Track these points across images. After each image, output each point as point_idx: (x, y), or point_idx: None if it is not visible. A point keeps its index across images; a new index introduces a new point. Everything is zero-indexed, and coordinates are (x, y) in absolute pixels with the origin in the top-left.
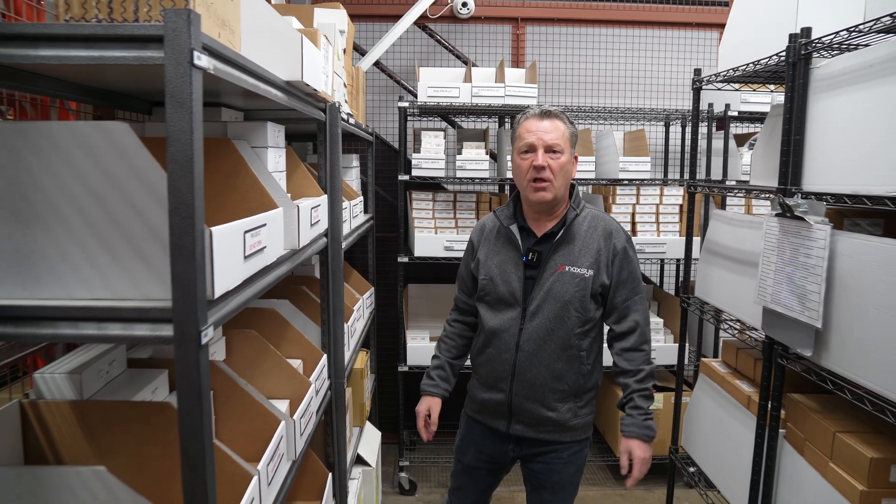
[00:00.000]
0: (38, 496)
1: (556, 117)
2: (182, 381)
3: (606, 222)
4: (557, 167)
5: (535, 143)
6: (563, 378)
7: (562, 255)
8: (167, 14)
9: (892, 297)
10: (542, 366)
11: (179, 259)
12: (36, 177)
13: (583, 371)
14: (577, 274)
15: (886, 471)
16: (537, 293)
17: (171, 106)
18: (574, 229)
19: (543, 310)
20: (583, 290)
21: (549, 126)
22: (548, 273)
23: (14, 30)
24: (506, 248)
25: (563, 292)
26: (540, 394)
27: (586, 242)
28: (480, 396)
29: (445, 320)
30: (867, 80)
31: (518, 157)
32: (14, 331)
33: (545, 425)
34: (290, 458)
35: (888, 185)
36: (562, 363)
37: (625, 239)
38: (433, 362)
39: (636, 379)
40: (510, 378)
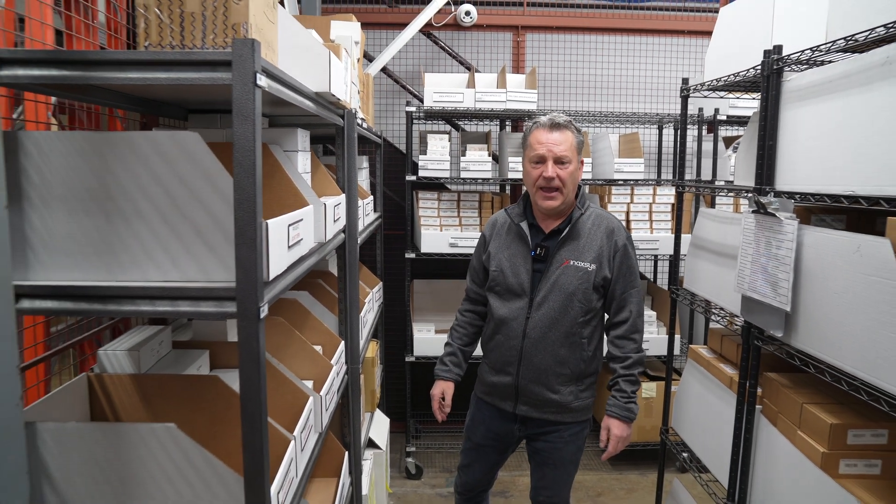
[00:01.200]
0: (118, 450)
1: (565, 128)
2: (243, 350)
3: (609, 221)
4: (566, 176)
5: (545, 155)
6: (566, 363)
7: (567, 251)
8: (235, 43)
9: (847, 282)
10: (547, 352)
11: (243, 247)
12: (120, 179)
13: (584, 357)
14: (581, 268)
15: (844, 435)
16: (544, 285)
17: (238, 119)
18: (579, 227)
19: (549, 300)
20: (586, 283)
21: (559, 138)
22: (554, 267)
23: (108, 56)
24: (516, 243)
25: (567, 284)
26: (544, 377)
27: (590, 239)
28: (490, 379)
29: (458, 310)
30: (827, 93)
31: (528, 165)
32: (102, 307)
33: (549, 406)
34: (317, 431)
35: (843, 185)
36: (565, 349)
37: (625, 237)
38: (446, 349)
39: (623, 365)
40: (517, 363)
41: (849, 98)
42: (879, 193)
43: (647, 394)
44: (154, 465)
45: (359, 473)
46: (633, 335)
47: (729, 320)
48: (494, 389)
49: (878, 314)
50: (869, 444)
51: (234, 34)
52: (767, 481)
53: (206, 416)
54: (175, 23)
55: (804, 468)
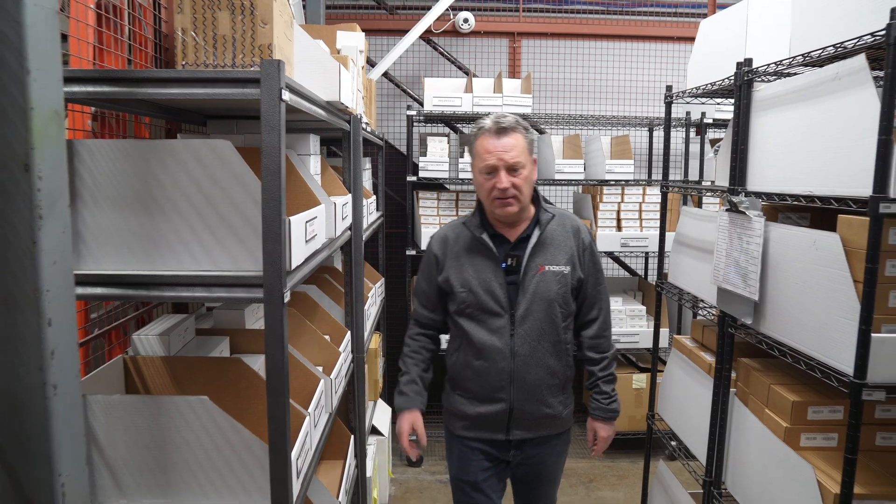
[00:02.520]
0: (157, 419)
1: (513, 131)
2: (269, 331)
3: (572, 220)
4: (521, 183)
5: (496, 165)
6: (556, 373)
7: (540, 256)
8: (263, 63)
9: (805, 273)
10: (539, 366)
11: (269, 240)
12: (161, 180)
13: (569, 363)
14: (558, 271)
15: (804, 412)
16: (523, 297)
17: (266, 129)
18: (548, 229)
19: (532, 312)
20: (564, 286)
21: (509, 143)
22: (530, 275)
23: (154, 75)
24: (480, 258)
25: (547, 291)
26: (538, 393)
27: (560, 241)
28: (474, 411)
29: (407, 335)
30: (790, 103)
31: (480, 176)
32: (146, 293)
33: (543, 422)
34: (327, 411)
35: (803, 186)
36: (554, 359)
37: (588, 234)
38: (403, 378)
39: (601, 367)
40: (509, 385)
41: (806, 108)
42: (831, 194)
43: (637, 385)
44: (189, 433)
45: (363, 456)
46: (605, 332)
47: (707, 311)
48: (482, 421)
49: (829, 300)
50: (827, 419)
51: (261, 54)
52: (739, 456)
53: (231, 395)
54: (209, 44)
55: (770, 442)
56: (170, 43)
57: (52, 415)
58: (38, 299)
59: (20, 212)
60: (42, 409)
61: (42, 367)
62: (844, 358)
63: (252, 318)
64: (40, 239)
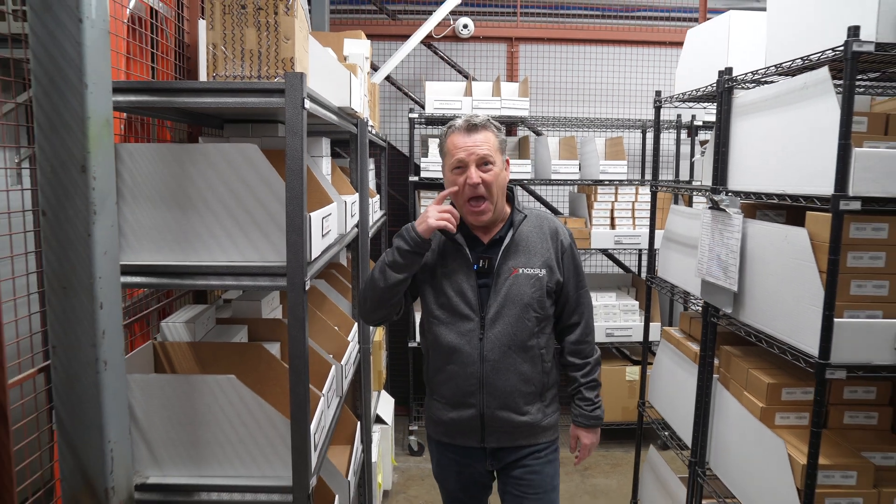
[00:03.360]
0: (189, 396)
1: (483, 128)
2: (291, 314)
3: (550, 221)
4: (492, 179)
5: (465, 159)
6: (530, 380)
7: (514, 259)
8: (287, 75)
9: (778, 265)
10: (510, 372)
11: (292, 233)
12: (194, 180)
13: (545, 369)
14: (532, 275)
15: (779, 393)
16: (494, 300)
17: (289, 135)
18: (522, 231)
19: (503, 316)
20: (539, 290)
21: (480, 139)
22: (503, 278)
23: (190, 85)
24: (452, 258)
25: (520, 295)
26: (511, 400)
27: (535, 243)
28: (447, 417)
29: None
30: (765, 109)
31: (450, 174)
32: (179, 282)
33: (519, 431)
34: (338, 395)
35: (776, 186)
36: (527, 365)
37: (569, 235)
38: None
39: (583, 373)
40: (479, 391)
41: (779, 114)
42: (800, 192)
43: (630, 377)
44: (217, 409)
45: (369, 442)
46: (587, 337)
47: (694, 303)
48: (455, 427)
49: (799, 289)
50: (799, 399)
51: (284, 67)
52: (721, 436)
53: (252, 377)
54: (237, 57)
55: (748, 421)
56: (192, 52)
57: (102, 387)
58: (91, 285)
59: (78, 208)
60: (94, 382)
61: (94, 345)
62: (811, 341)
63: (267, 309)
64: (94, 232)
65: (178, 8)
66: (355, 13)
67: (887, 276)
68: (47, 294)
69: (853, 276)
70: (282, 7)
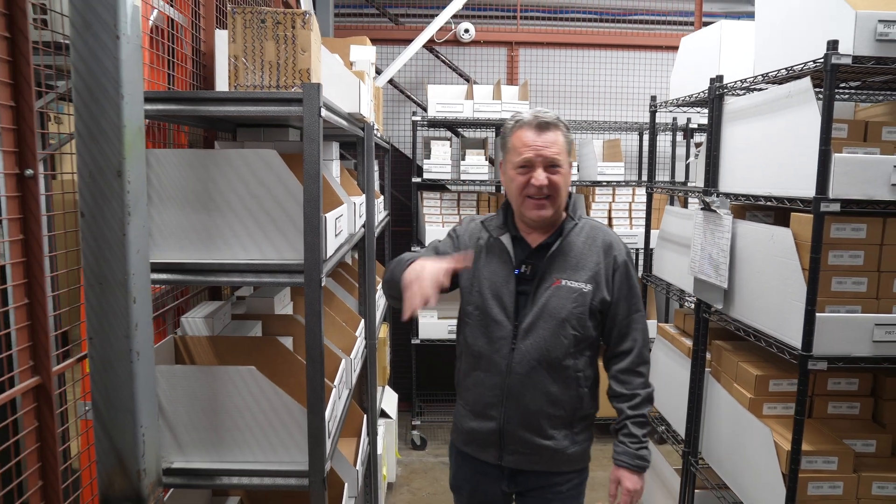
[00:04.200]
0: (212, 386)
1: (554, 127)
2: (308, 308)
3: (606, 234)
4: (559, 182)
5: (533, 160)
6: (559, 403)
7: (558, 268)
8: (305, 86)
9: (765, 263)
10: (537, 390)
11: (309, 233)
12: (217, 183)
13: (580, 394)
14: (575, 288)
15: (766, 384)
16: (531, 309)
17: (307, 141)
18: (571, 240)
19: (538, 327)
20: (581, 306)
21: (550, 139)
22: (543, 287)
23: (214, 95)
24: (495, 260)
25: (559, 308)
26: (535, 421)
27: (584, 255)
28: (468, 426)
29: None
30: (753, 115)
31: (513, 171)
32: (203, 279)
33: (541, 455)
34: (347, 387)
35: (763, 188)
36: (557, 386)
37: (625, 252)
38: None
39: (630, 405)
40: (501, 404)
41: (766, 120)
42: (785, 194)
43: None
44: (238, 398)
45: (375, 434)
46: (639, 367)
47: (688, 300)
48: (474, 438)
49: (784, 286)
50: (786, 391)
51: (301, 77)
52: (711, 425)
53: (267, 369)
54: (257, 68)
55: (737, 412)
56: (208, 60)
57: (135, 376)
58: (125, 281)
59: (114, 210)
60: (128, 371)
61: (128, 336)
62: (795, 334)
63: (280, 305)
64: (129, 232)
65: (194, 17)
66: (357, 17)
67: (865, 274)
68: (85, 289)
69: (834, 273)
70: (299, 21)
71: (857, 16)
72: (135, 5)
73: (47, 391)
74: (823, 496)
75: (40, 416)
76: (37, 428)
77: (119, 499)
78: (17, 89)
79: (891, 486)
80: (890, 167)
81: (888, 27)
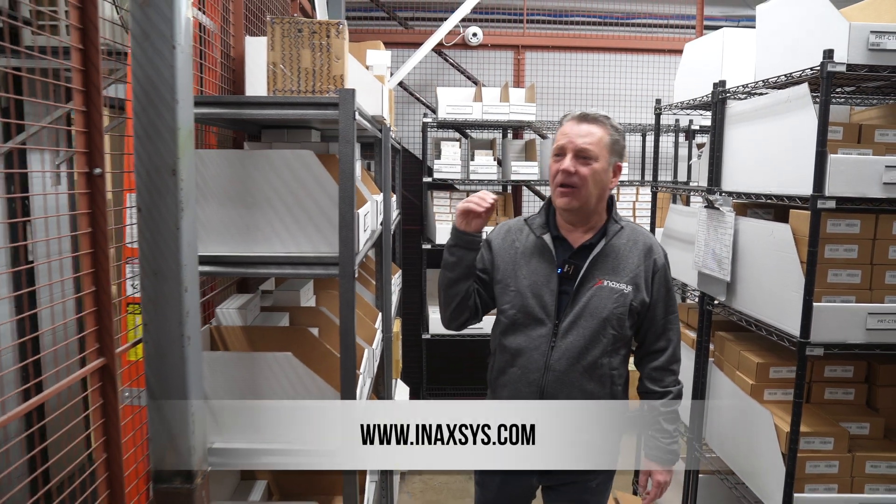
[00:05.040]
0: (251, 371)
1: (594, 121)
2: (343, 297)
3: (646, 237)
4: (587, 174)
5: (564, 147)
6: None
7: (601, 269)
8: (341, 91)
9: (765, 257)
10: (574, 387)
11: (344, 228)
12: (257, 182)
13: (614, 392)
14: (617, 289)
15: (767, 371)
16: (572, 309)
17: (342, 143)
18: (614, 242)
19: (578, 326)
20: (622, 307)
21: (584, 130)
22: (585, 287)
23: (257, 99)
24: (536, 259)
25: (600, 308)
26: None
27: (626, 257)
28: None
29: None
30: (754, 119)
31: (551, 160)
32: (244, 270)
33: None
34: (369, 375)
35: (763, 187)
36: (593, 384)
37: (663, 255)
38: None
39: (663, 402)
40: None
41: (766, 123)
42: (784, 193)
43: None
44: (275, 382)
45: None
46: (672, 366)
47: (691, 294)
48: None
49: (783, 278)
50: (785, 377)
51: (335, 83)
52: (715, 411)
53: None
54: (294, 75)
55: (739, 397)
56: (237, 65)
57: (186, 360)
58: (179, 272)
59: (168, 206)
60: (180, 355)
61: (181, 323)
62: (794, 323)
63: (304, 298)
64: (182, 226)
65: (224, 24)
66: (367, 20)
67: (859, 266)
68: (141, 279)
69: (830, 265)
70: (333, 31)
71: (850, 27)
72: (188, 18)
73: (111, 371)
74: (820, 474)
75: (105, 394)
76: (101, 405)
77: (170, 473)
78: (88, 96)
79: (883, 465)
80: (882, 167)
81: (880, 38)
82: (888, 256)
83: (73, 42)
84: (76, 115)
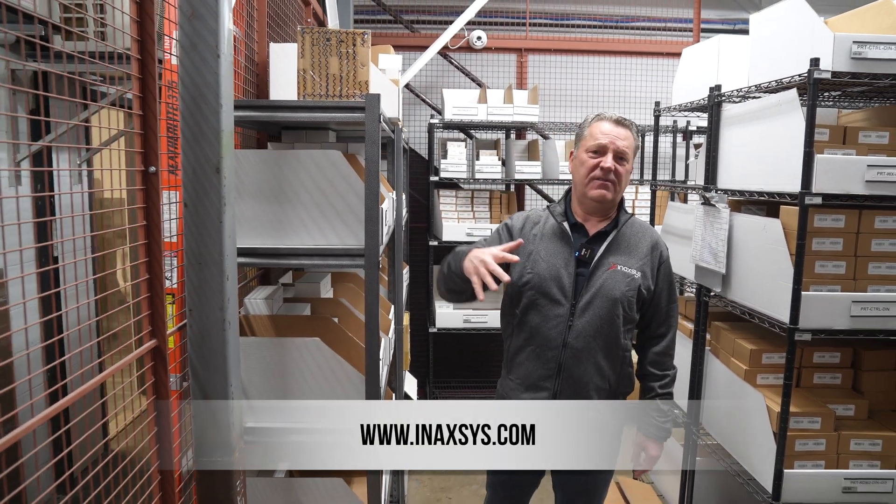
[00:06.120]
0: (281, 355)
1: (629, 128)
2: (368, 287)
3: (652, 233)
4: (623, 173)
5: (606, 146)
6: (606, 377)
7: (614, 255)
8: (367, 96)
9: (758, 250)
10: (590, 363)
11: (370, 222)
12: (289, 179)
13: (624, 372)
14: (628, 274)
15: (760, 357)
16: (587, 290)
17: (368, 143)
18: (625, 231)
19: (594, 306)
20: (632, 290)
21: (623, 134)
22: (601, 271)
23: (289, 103)
24: (555, 244)
25: (613, 290)
26: (585, 391)
27: (636, 246)
28: (520, 398)
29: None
30: (748, 121)
31: (584, 154)
32: (276, 262)
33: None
34: (386, 363)
35: (755, 185)
36: (606, 361)
37: (667, 249)
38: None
39: (661, 384)
40: (556, 376)
41: (759, 125)
42: (775, 190)
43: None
44: (304, 366)
45: None
46: (671, 351)
47: (689, 287)
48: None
49: (774, 269)
50: (776, 363)
51: (360, 88)
52: (711, 396)
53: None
54: (322, 80)
55: (734, 382)
56: (261, 70)
57: (227, 343)
58: (221, 261)
59: (212, 201)
60: (221, 338)
61: (222, 308)
62: (784, 311)
63: (324, 290)
64: (224, 220)
65: (248, 30)
66: (374, 24)
67: (844, 258)
68: (186, 268)
69: (817, 257)
70: (359, 40)
71: (835, 37)
72: (229, 29)
73: (162, 352)
74: (808, 451)
75: (156, 373)
76: (153, 383)
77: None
78: (144, 101)
79: (866, 443)
80: (864, 166)
81: (861, 47)
82: (871, 249)
83: (132, 52)
84: (134, 118)
